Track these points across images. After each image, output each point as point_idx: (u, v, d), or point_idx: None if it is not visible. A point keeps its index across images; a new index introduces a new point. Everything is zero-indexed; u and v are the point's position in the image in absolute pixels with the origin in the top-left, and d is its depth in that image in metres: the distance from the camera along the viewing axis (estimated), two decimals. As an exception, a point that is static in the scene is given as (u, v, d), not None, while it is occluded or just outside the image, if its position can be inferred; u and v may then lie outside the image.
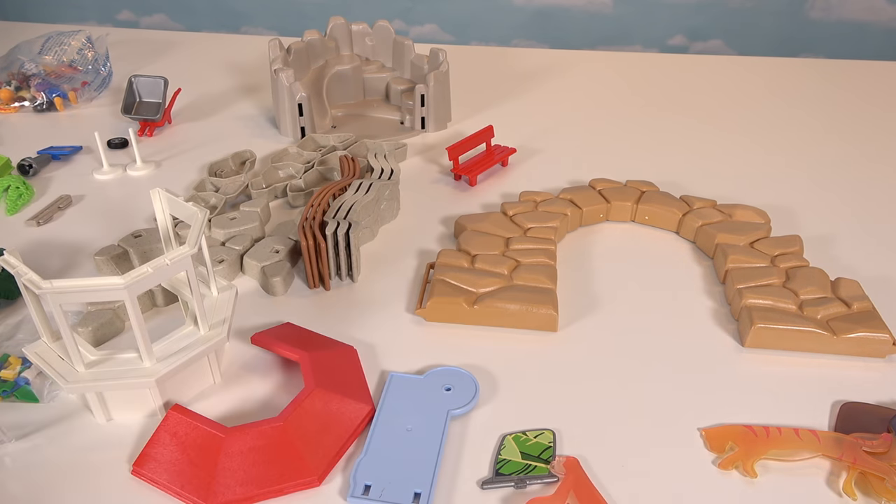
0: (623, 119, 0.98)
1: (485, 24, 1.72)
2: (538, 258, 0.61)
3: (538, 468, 0.44)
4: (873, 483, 0.43)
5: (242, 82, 1.10)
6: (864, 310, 0.55)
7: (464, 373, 0.51)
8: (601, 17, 1.66)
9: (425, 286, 0.61)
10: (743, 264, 0.61)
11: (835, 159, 0.87)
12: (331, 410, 0.46)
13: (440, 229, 0.70)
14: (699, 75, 1.15)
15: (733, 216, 0.68)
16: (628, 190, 0.72)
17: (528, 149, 0.87)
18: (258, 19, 1.72)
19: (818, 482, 0.44)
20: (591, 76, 1.14)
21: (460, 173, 0.78)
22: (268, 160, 0.82)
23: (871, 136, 0.93)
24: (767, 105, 1.03)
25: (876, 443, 0.45)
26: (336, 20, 0.97)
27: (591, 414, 0.49)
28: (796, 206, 0.75)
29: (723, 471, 0.44)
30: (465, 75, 1.04)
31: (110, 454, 0.45)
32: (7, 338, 0.54)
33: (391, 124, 0.95)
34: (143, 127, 0.92)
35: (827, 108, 1.03)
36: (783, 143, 0.91)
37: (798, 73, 1.17)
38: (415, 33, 1.72)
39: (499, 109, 1.00)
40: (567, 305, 0.59)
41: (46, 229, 0.71)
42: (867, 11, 1.59)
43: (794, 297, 0.56)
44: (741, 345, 0.55)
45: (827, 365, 0.53)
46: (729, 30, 1.65)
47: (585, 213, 0.70)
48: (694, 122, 0.97)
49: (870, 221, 0.73)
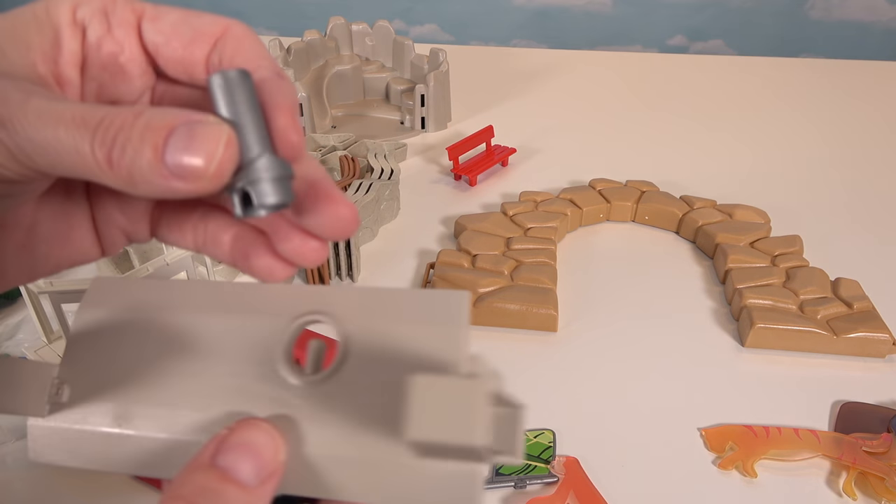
0: (623, 119, 0.98)
1: (485, 24, 1.72)
2: (538, 258, 0.61)
3: (538, 468, 0.44)
4: (873, 483, 0.43)
5: (242, 82, 1.10)
6: (864, 310, 0.55)
7: (464, 373, 0.51)
8: (601, 17, 1.67)
9: (425, 286, 0.61)
10: (743, 264, 0.61)
11: (835, 159, 0.87)
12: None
13: (440, 229, 0.70)
14: (699, 75, 1.15)
15: (733, 216, 0.68)
16: (628, 190, 0.72)
17: (528, 149, 0.87)
18: (258, 19, 1.72)
19: (818, 482, 0.44)
20: (591, 76, 1.14)
21: (460, 173, 0.78)
22: (268, 160, 0.82)
23: (872, 136, 0.93)
24: (767, 105, 1.03)
25: (876, 443, 0.45)
26: (336, 20, 0.97)
27: (591, 414, 0.49)
28: (796, 206, 0.75)
29: (723, 471, 0.44)
30: (465, 75, 1.04)
31: (110, 454, 0.45)
32: (7, 338, 0.54)
33: (391, 124, 0.95)
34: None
35: (827, 108, 1.03)
36: (783, 143, 0.91)
37: (798, 73, 1.17)
38: (415, 33, 1.72)
39: (499, 109, 1.00)
40: (567, 305, 0.59)
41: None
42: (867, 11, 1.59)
43: (795, 297, 0.56)
44: (741, 345, 0.55)
45: (827, 365, 0.53)
46: (729, 30, 1.65)
47: (585, 213, 0.70)
48: (694, 122, 0.97)
49: (870, 221, 0.73)
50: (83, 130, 0.17)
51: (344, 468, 0.20)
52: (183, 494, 0.18)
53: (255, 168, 0.18)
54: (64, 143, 0.17)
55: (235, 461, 0.18)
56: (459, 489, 0.19)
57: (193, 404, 0.21)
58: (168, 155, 0.17)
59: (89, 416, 0.21)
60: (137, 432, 0.21)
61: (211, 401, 0.21)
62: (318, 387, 0.21)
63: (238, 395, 0.21)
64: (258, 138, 0.19)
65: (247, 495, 0.18)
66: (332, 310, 0.22)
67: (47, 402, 0.21)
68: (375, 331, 0.21)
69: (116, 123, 0.17)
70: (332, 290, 0.23)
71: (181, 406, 0.21)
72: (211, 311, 0.23)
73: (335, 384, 0.21)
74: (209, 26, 0.20)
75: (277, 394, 0.21)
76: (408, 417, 0.17)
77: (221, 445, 0.19)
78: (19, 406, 0.21)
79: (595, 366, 0.53)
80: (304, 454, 0.20)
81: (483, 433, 0.16)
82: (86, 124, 0.17)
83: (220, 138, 0.17)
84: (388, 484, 0.19)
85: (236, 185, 0.19)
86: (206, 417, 0.21)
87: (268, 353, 0.22)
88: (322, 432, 0.20)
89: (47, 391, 0.21)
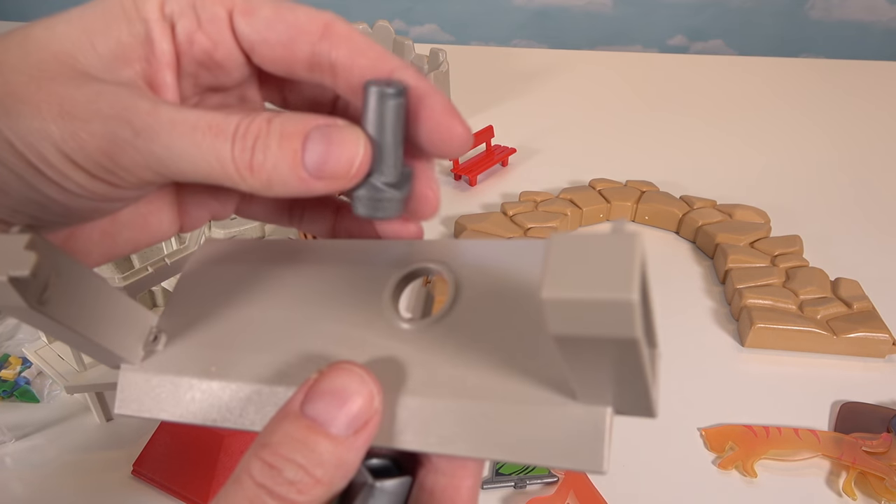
0: (623, 119, 0.98)
1: (485, 24, 1.72)
2: (538, 258, 0.61)
3: (538, 468, 0.44)
4: (873, 483, 0.43)
5: (242, 82, 1.10)
6: (864, 310, 0.55)
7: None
8: (601, 17, 1.67)
9: (425, 286, 0.61)
10: (743, 264, 0.61)
11: (835, 159, 0.87)
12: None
13: (440, 229, 0.70)
14: (699, 75, 1.15)
15: (733, 216, 0.68)
16: (628, 190, 0.72)
17: (528, 149, 0.87)
18: (258, 19, 1.72)
19: (818, 482, 0.44)
20: (591, 76, 1.14)
21: (460, 173, 0.78)
22: (268, 160, 0.82)
23: (872, 136, 0.93)
24: (767, 105, 1.03)
25: (876, 443, 0.45)
26: (336, 20, 0.97)
27: (591, 414, 0.49)
28: (796, 206, 0.75)
29: (723, 471, 0.44)
30: (465, 75, 1.03)
31: (110, 454, 0.46)
32: (7, 338, 0.54)
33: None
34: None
35: (827, 108, 1.03)
36: (783, 143, 0.91)
37: (798, 73, 1.17)
38: (415, 33, 1.72)
39: (499, 109, 1.00)
40: (567, 305, 0.59)
41: (46, 229, 0.71)
42: (867, 11, 1.59)
43: (794, 297, 0.56)
44: (741, 345, 0.55)
45: (827, 365, 0.53)
46: (729, 30, 1.65)
47: (585, 213, 0.70)
48: (694, 122, 0.97)
49: (870, 221, 0.73)
50: (222, 139, 0.17)
51: (452, 415, 0.18)
52: (271, 443, 0.17)
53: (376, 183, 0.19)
54: (204, 151, 0.17)
55: (326, 410, 0.17)
56: (583, 433, 0.16)
57: (290, 352, 0.20)
58: (308, 159, 0.18)
59: (184, 366, 0.21)
60: (231, 381, 0.20)
61: (310, 348, 0.20)
62: (427, 332, 0.19)
63: (339, 341, 0.20)
64: (393, 150, 0.19)
65: (337, 447, 0.17)
66: (442, 258, 0.21)
67: (143, 348, 0.21)
68: (487, 275, 0.20)
69: (253, 131, 0.17)
70: (442, 241, 0.22)
71: (277, 354, 0.20)
72: (315, 264, 0.22)
73: (444, 328, 0.19)
74: (307, 23, 0.20)
75: (381, 340, 0.20)
76: (544, 274, 0.13)
77: (311, 392, 0.18)
78: (116, 344, 0.20)
79: (595, 366, 0.53)
80: (406, 402, 0.18)
81: (639, 286, 0.13)
82: (223, 133, 0.17)
83: (358, 141, 0.18)
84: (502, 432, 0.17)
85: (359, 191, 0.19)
86: (304, 365, 0.20)
87: (373, 299, 0.21)
88: (428, 375, 0.18)
89: (144, 337, 0.21)
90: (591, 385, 0.16)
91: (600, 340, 0.13)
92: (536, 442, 0.17)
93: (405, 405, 0.18)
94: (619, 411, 0.16)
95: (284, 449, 0.17)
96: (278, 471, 0.17)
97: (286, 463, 0.17)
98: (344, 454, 0.17)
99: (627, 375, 0.15)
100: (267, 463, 0.17)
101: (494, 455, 0.17)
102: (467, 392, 0.18)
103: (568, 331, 0.13)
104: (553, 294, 0.13)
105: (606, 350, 0.14)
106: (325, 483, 0.17)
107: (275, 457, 0.17)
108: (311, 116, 0.18)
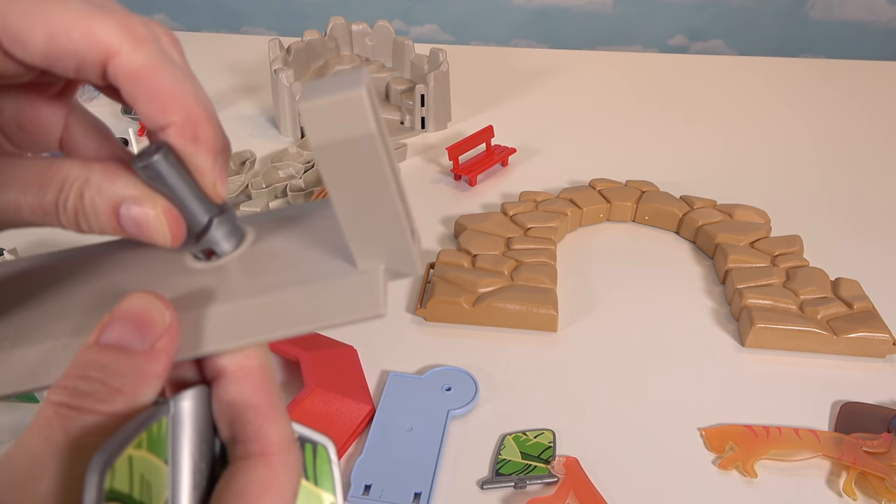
0: (623, 119, 0.98)
1: (485, 24, 1.72)
2: (538, 258, 0.61)
3: (538, 468, 0.44)
4: (873, 483, 0.43)
5: (242, 82, 1.10)
6: (864, 310, 0.55)
7: (464, 373, 0.51)
8: (601, 17, 1.66)
9: (425, 286, 0.61)
10: (743, 264, 0.61)
11: (835, 159, 0.87)
12: (330, 410, 0.46)
13: (440, 229, 0.70)
14: (699, 75, 1.15)
15: (733, 216, 0.68)
16: (628, 190, 0.72)
17: (528, 149, 0.87)
18: (258, 19, 1.72)
19: (818, 482, 0.44)
20: (591, 76, 1.14)
21: (460, 173, 0.78)
22: (268, 160, 0.82)
23: (872, 136, 0.93)
24: (767, 105, 1.03)
25: (876, 443, 0.45)
26: (336, 20, 0.97)
27: (591, 414, 0.49)
28: (796, 206, 0.75)
29: (723, 471, 0.44)
30: (465, 75, 1.03)
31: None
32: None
33: (391, 124, 0.95)
34: (143, 127, 0.92)
35: (827, 108, 1.03)
36: (783, 143, 0.91)
37: (798, 73, 1.17)
38: (415, 33, 1.72)
39: (499, 109, 1.00)
40: (567, 305, 0.59)
41: (46, 229, 0.71)
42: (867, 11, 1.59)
43: (795, 297, 0.56)
44: (741, 345, 0.55)
45: (827, 365, 0.53)
46: (729, 30, 1.65)
47: (585, 213, 0.70)
48: (694, 122, 0.97)
49: (870, 221, 0.73)
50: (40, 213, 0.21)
51: (250, 311, 0.20)
52: (67, 373, 0.17)
53: (209, 233, 0.21)
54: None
55: (120, 333, 0.18)
56: (363, 288, 0.20)
57: (89, 310, 0.21)
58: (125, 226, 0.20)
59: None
60: (29, 345, 0.20)
61: (110, 304, 0.20)
62: (223, 266, 0.22)
63: (137, 288, 0.20)
64: (198, 202, 0.20)
65: (136, 360, 0.17)
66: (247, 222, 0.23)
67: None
68: (280, 222, 0.23)
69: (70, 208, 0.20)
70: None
71: (75, 315, 0.21)
72: (107, 259, 0.23)
73: (238, 259, 0.22)
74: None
75: (179, 278, 0.21)
76: (301, 96, 0.18)
77: (103, 325, 0.18)
78: None
79: (595, 366, 0.53)
80: (207, 313, 0.20)
81: (368, 94, 0.18)
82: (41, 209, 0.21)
83: (161, 223, 0.20)
84: (296, 312, 0.20)
85: (198, 249, 0.21)
86: (103, 314, 0.20)
87: (173, 257, 0.22)
88: (226, 289, 0.20)
89: None
90: (363, 243, 0.20)
91: (346, 144, 0.18)
92: (325, 309, 0.20)
93: (206, 316, 0.20)
94: (390, 269, 0.20)
95: (78, 370, 0.17)
96: (73, 388, 0.17)
97: (80, 380, 0.17)
98: (143, 364, 0.17)
99: (380, 206, 0.19)
100: (61, 385, 0.17)
101: (292, 330, 0.20)
102: (261, 290, 0.20)
103: (322, 138, 0.18)
104: (306, 104, 0.17)
105: (354, 162, 0.18)
106: (127, 392, 0.17)
107: (68, 379, 0.17)
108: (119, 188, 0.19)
